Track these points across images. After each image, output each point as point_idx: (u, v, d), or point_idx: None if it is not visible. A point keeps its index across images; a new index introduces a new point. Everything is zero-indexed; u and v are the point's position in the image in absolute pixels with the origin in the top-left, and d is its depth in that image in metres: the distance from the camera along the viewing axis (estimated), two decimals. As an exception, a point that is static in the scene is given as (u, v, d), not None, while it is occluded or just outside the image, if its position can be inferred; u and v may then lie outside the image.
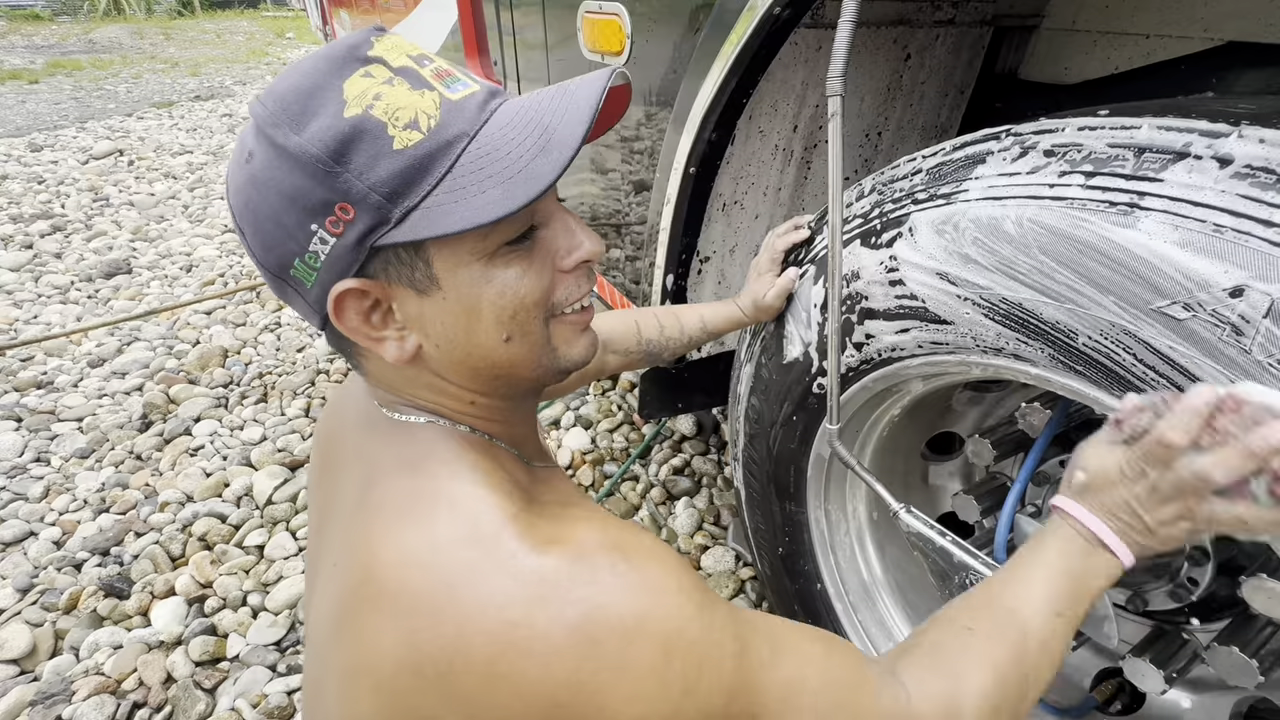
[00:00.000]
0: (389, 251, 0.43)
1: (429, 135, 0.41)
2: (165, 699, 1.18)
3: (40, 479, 1.68)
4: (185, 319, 2.45)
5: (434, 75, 0.43)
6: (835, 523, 0.95)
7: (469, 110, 0.43)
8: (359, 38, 0.43)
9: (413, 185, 0.41)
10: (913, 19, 0.99)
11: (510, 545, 0.41)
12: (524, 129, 0.43)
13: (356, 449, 0.53)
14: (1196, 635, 0.76)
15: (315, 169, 0.40)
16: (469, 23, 1.81)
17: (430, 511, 0.43)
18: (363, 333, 0.45)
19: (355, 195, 0.40)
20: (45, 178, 3.96)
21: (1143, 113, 0.50)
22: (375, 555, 0.43)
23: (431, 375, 0.49)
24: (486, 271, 0.44)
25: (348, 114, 0.40)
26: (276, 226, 0.42)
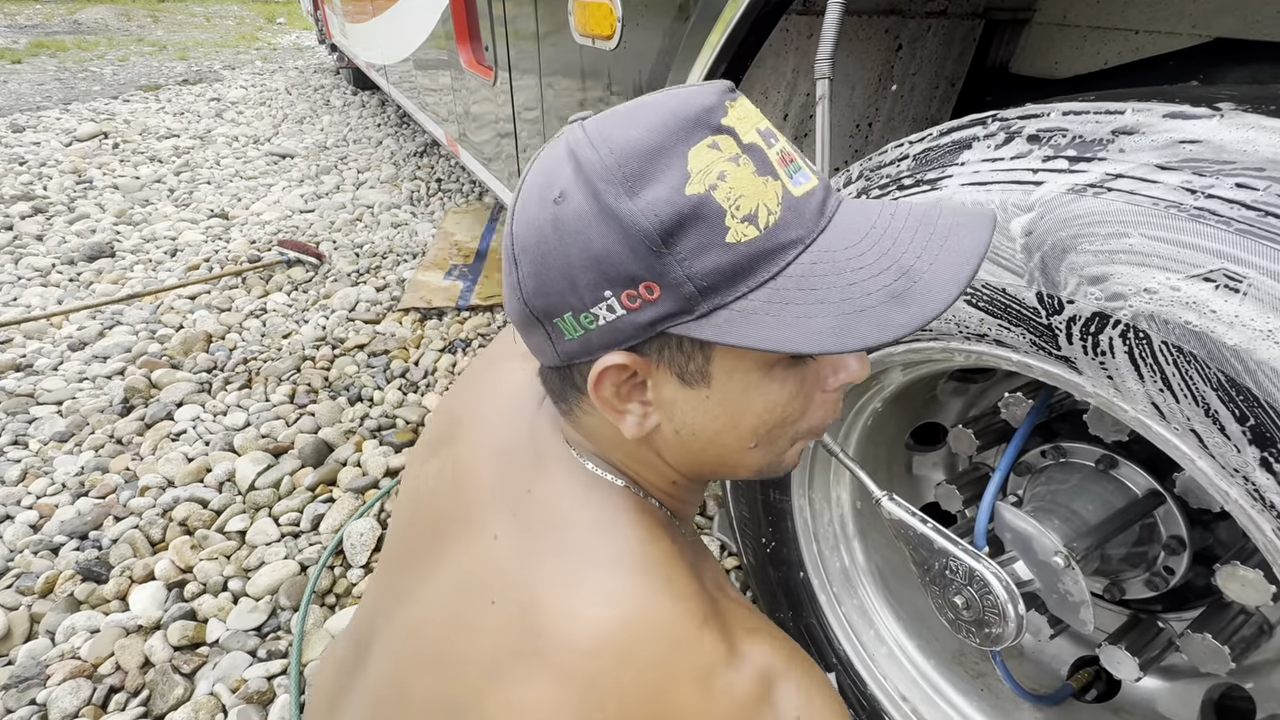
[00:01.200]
0: (674, 338, 0.40)
1: (765, 234, 0.37)
2: (143, 683, 1.17)
3: (17, 462, 1.66)
4: (169, 303, 2.42)
5: (779, 160, 0.39)
6: (819, 511, 0.95)
7: (809, 211, 0.39)
8: (713, 100, 0.38)
9: (732, 283, 0.37)
10: (905, 9, 0.98)
11: (708, 656, 0.39)
12: (878, 260, 0.38)
13: (522, 475, 0.49)
14: (1171, 623, 0.77)
15: (639, 243, 0.36)
16: (460, 6, 1.79)
17: (622, 584, 0.41)
18: (610, 402, 0.43)
19: (670, 280, 0.37)
20: (27, 159, 3.88)
21: (1126, 98, 0.50)
22: (554, 614, 0.41)
23: (650, 452, 0.47)
24: (762, 383, 0.41)
25: (689, 190, 0.36)
26: (564, 278, 0.38)
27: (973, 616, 0.68)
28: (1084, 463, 0.79)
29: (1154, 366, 0.47)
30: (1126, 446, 0.75)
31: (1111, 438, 0.73)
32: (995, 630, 0.66)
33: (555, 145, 0.40)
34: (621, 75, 1.08)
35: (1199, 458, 0.47)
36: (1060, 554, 0.67)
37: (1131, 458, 0.75)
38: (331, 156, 4.17)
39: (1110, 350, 0.49)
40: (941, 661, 0.92)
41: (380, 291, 2.55)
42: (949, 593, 0.70)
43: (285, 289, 2.56)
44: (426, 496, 0.57)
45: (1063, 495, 0.77)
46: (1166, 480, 0.73)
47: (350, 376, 2.03)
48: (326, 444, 1.73)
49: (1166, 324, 0.46)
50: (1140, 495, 0.74)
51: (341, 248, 2.89)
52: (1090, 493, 0.76)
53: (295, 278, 2.64)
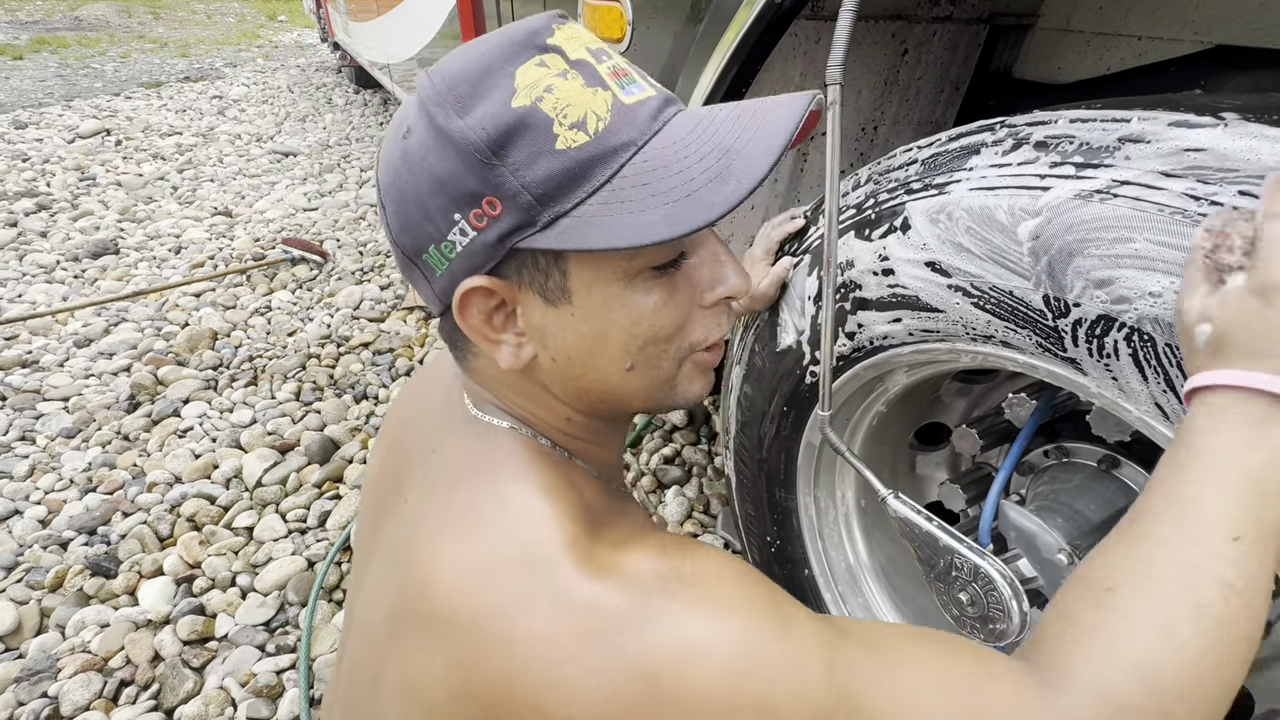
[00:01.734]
0: (527, 255, 0.40)
1: (595, 139, 0.38)
2: (153, 677, 1.18)
3: (25, 458, 1.67)
4: (174, 300, 2.43)
5: (610, 73, 0.40)
6: (824, 509, 0.97)
7: (641, 117, 0.40)
8: (540, 23, 0.40)
9: (568, 190, 0.38)
10: (911, 14, 1.00)
11: (564, 573, 0.37)
12: (701, 147, 0.39)
13: (430, 438, 0.51)
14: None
15: (471, 157, 0.37)
16: (467, 6, 1.80)
17: (491, 527, 0.41)
18: (482, 332, 0.43)
19: (506, 191, 0.38)
20: (30, 155, 3.89)
21: (1132, 106, 0.52)
22: (432, 570, 0.40)
23: (536, 386, 0.47)
24: (624, 294, 0.41)
25: (515, 104, 0.37)
26: (419, 209, 0.40)
27: (977, 613, 0.69)
28: (1086, 463, 0.80)
29: (1158, 368, 0.49)
30: (1128, 447, 0.77)
31: (1114, 438, 0.74)
32: (999, 626, 0.67)
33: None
34: (631, 78, 1.09)
35: (1201, 457, 0.48)
36: (1064, 551, 0.69)
37: (1133, 458, 0.76)
38: (334, 155, 4.18)
39: (1115, 352, 0.51)
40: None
41: (384, 290, 2.56)
42: (953, 590, 0.71)
43: (290, 287, 2.58)
44: (370, 491, 0.59)
45: (1065, 494, 0.78)
46: (1167, 480, 0.74)
47: (355, 374, 2.04)
48: (332, 441, 1.74)
49: (1171, 327, 0.47)
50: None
51: (345, 246, 2.90)
52: (1092, 492, 0.77)
53: (300, 276, 2.65)
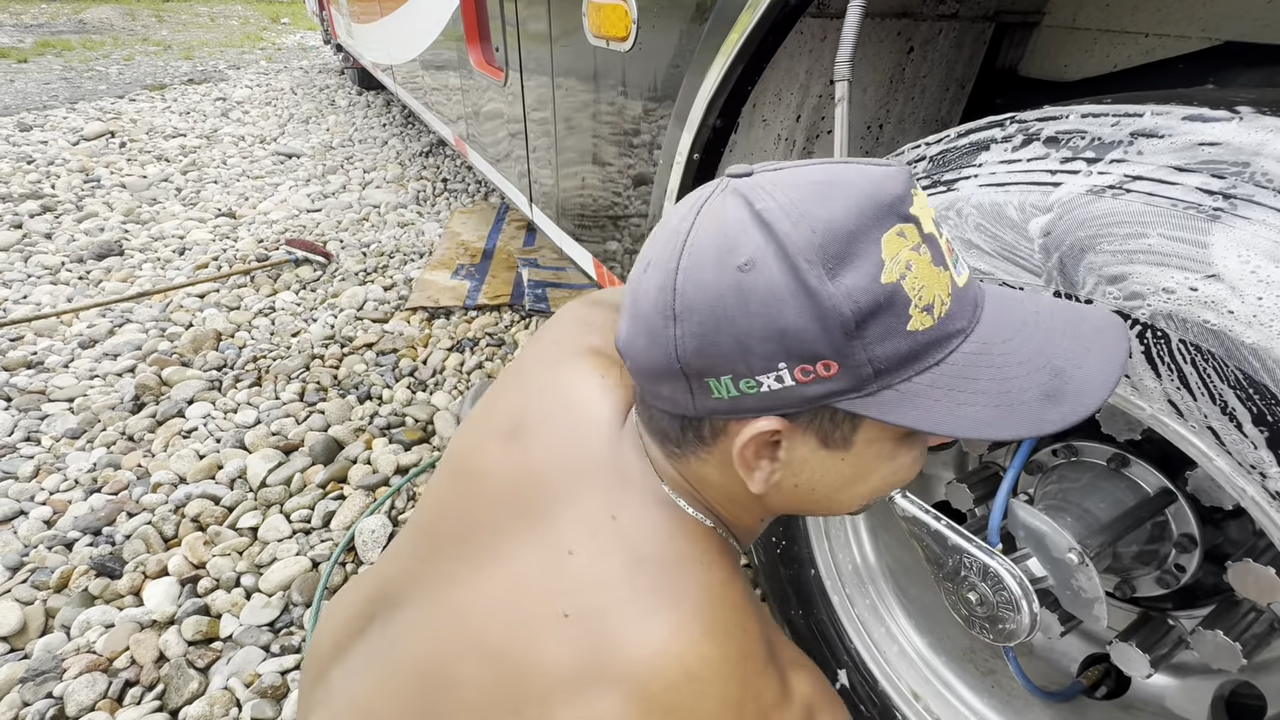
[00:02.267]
0: (832, 409, 0.40)
1: (938, 324, 0.38)
2: (157, 677, 1.18)
3: (30, 458, 1.67)
4: (178, 301, 2.43)
5: (947, 250, 0.40)
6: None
7: (968, 301, 0.41)
8: (902, 188, 0.39)
9: (903, 367, 0.38)
10: (917, 12, 0.99)
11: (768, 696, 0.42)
12: (1034, 357, 0.40)
13: (601, 494, 0.50)
14: (1181, 621, 0.78)
15: (833, 324, 0.36)
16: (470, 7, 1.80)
17: (707, 630, 0.43)
18: (745, 460, 0.43)
19: (852, 361, 0.37)
20: (35, 157, 3.90)
21: (1145, 101, 0.51)
22: (634, 639, 0.42)
23: (754, 499, 0.47)
24: (895, 451, 0.43)
25: (885, 280, 0.37)
26: (737, 345, 0.38)
27: (986, 613, 0.69)
28: (1096, 461, 0.80)
29: (1171, 365, 0.48)
30: (1138, 445, 0.76)
31: (1124, 436, 0.74)
32: (1009, 626, 0.67)
33: (728, 203, 0.39)
34: (635, 77, 1.09)
35: (1216, 455, 0.48)
36: (1074, 551, 0.68)
37: (1143, 456, 0.75)
38: (338, 156, 4.19)
39: (1128, 349, 0.50)
40: (952, 659, 0.92)
41: (388, 291, 2.56)
42: (962, 589, 0.70)
43: (293, 288, 2.58)
44: (482, 483, 0.56)
45: (1075, 493, 0.77)
46: (1178, 479, 0.73)
47: (359, 375, 2.04)
48: (336, 441, 1.74)
49: (1184, 323, 0.47)
50: (1152, 494, 0.75)
51: (349, 247, 2.91)
52: (1102, 491, 0.76)
53: (303, 276, 2.65)
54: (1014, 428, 0.38)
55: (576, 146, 1.41)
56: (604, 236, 1.42)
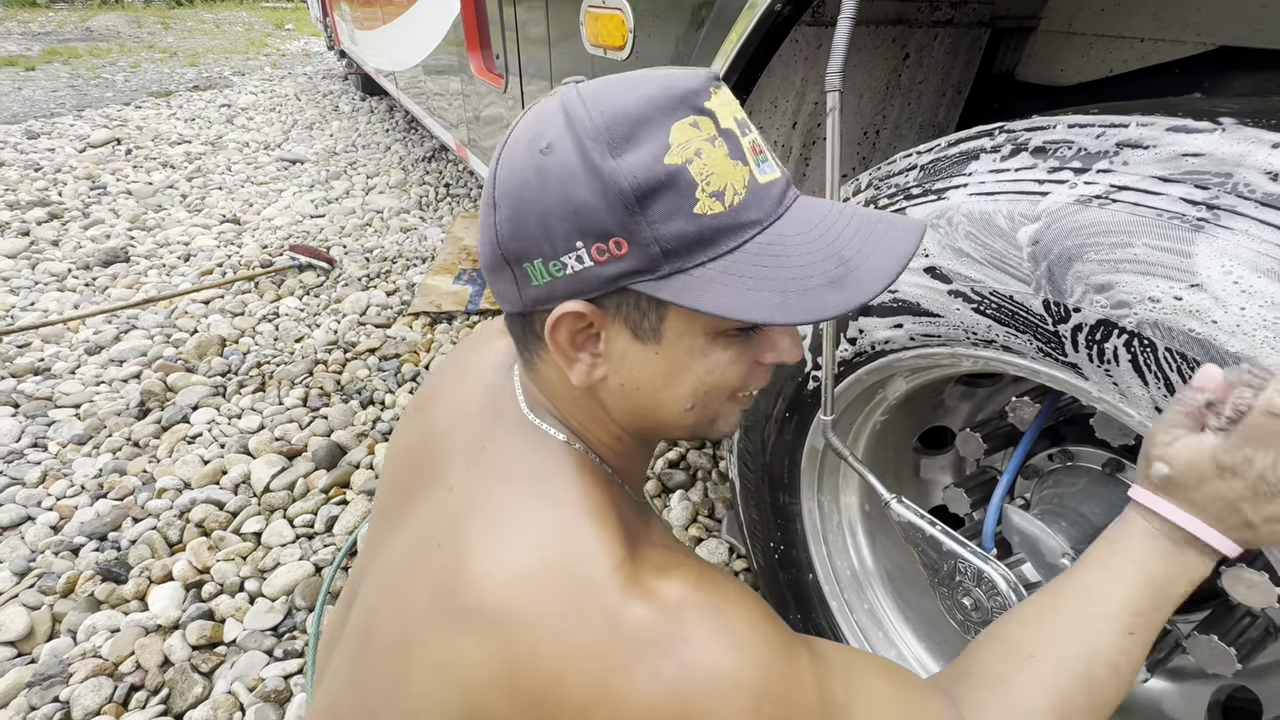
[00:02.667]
0: (633, 294, 0.43)
1: (728, 211, 0.41)
2: (162, 681, 1.19)
3: (37, 464, 1.69)
4: (183, 308, 2.45)
5: (750, 148, 0.43)
6: (828, 514, 0.97)
7: (769, 198, 0.43)
8: (699, 84, 0.42)
9: (694, 251, 0.41)
10: (912, 18, 1.00)
11: (615, 594, 0.42)
12: (823, 250, 0.42)
13: (477, 432, 0.53)
14: (1177, 625, 0.78)
15: (616, 200, 0.39)
16: (471, 15, 1.81)
17: (548, 537, 0.44)
18: (564, 349, 0.46)
19: (639, 239, 0.40)
20: (42, 165, 3.94)
21: (1130, 111, 0.52)
22: (487, 567, 0.43)
23: (596, 404, 0.50)
24: (707, 347, 0.45)
25: (668, 160, 0.39)
26: (540, 224, 0.41)
27: (981, 618, 0.69)
28: (1091, 466, 0.80)
29: (1158, 373, 0.49)
30: (1133, 450, 0.76)
31: (1118, 441, 0.74)
32: (1003, 631, 0.67)
33: (549, 100, 0.43)
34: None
35: (1203, 462, 0.48)
36: (1068, 556, 0.68)
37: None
38: (341, 162, 4.22)
39: (1115, 357, 0.51)
40: (949, 661, 0.93)
41: (390, 296, 2.58)
42: (957, 594, 0.71)
43: (297, 293, 2.60)
44: (403, 458, 0.61)
45: (1070, 498, 0.78)
46: (1173, 484, 0.73)
47: (362, 380, 2.05)
48: (339, 447, 1.75)
49: (1170, 331, 0.47)
50: (1147, 498, 0.75)
51: (352, 252, 2.92)
52: (1097, 496, 0.77)
53: (307, 282, 2.67)
54: (800, 312, 0.40)
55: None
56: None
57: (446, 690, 0.43)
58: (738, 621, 0.42)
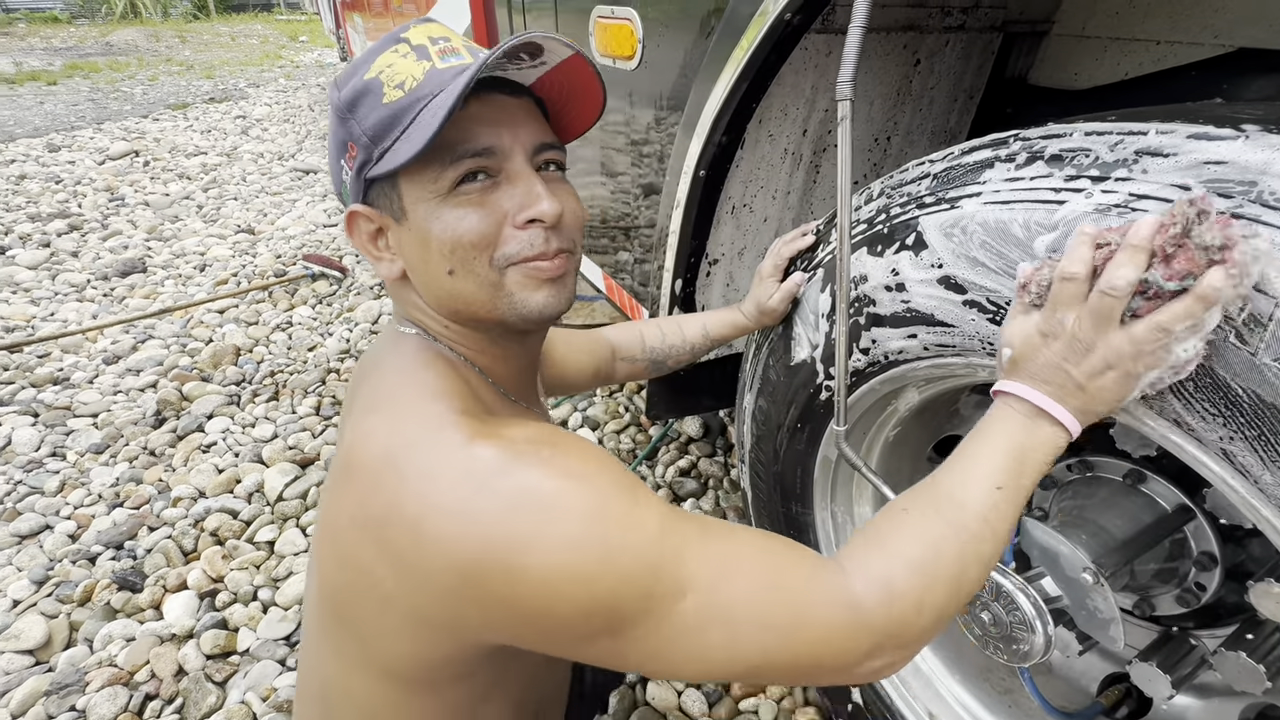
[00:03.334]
0: (377, 185, 0.53)
1: (408, 94, 0.50)
2: (177, 691, 1.20)
3: (56, 473, 1.71)
4: (199, 317, 2.48)
5: (439, 51, 0.52)
6: (841, 524, 0.95)
7: (445, 76, 0.50)
8: (405, 26, 0.54)
9: (387, 131, 0.50)
10: (923, 24, 0.99)
11: (451, 433, 0.47)
12: (445, 97, 0.49)
13: (375, 366, 0.61)
14: (1204, 641, 0.76)
15: (340, 115, 0.53)
16: (481, 25, 1.83)
17: (396, 403, 0.51)
18: (366, 249, 0.57)
19: (354, 136, 0.52)
20: (63, 177, 4.02)
21: (1149, 118, 0.51)
22: (350, 439, 0.51)
23: (414, 294, 0.58)
24: (439, 209, 0.52)
25: (366, 76, 0.51)
26: (333, 162, 0.56)
27: (1000, 633, 0.68)
28: (1111, 477, 0.78)
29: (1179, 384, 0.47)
30: (1154, 461, 0.75)
31: (1139, 453, 0.72)
32: (1023, 647, 0.66)
33: None
34: (642, 94, 1.10)
35: (1230, 477, 0.47)
36: (1089, 570, 0.67)
37: (1160, 472, 0.74)
38: (353, 171, 4.25)
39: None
40: (968, 677, 0.91)
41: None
42: (975, 608, 0.70)
43: (310, 302, 2.62)
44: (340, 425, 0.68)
45: (1090, 510, 0.76)
46: (1196, 495, 0.72)
47: (374, 388, 2.06)
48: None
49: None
50: (1169, 510, 0.73)
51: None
52: (1118, 507, 0.75)
53: (319, 291, 2.70)
54: (427, 131, 0.47)
55: (584, 159, 1.42)
56: (613, 249, 1.43)
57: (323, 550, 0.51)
58: (572, 455, 0.46)
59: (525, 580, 0.42)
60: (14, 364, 2.16)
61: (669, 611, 0.44)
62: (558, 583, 0.42)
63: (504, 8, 1.61)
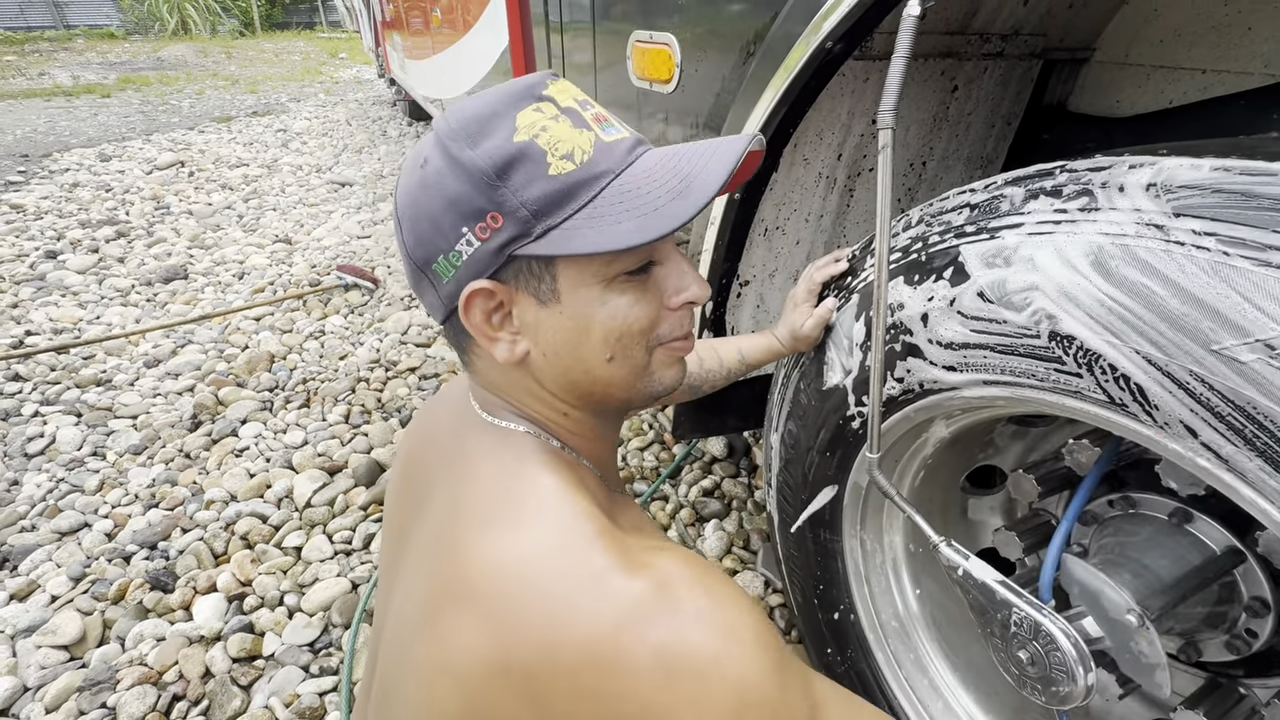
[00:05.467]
0: (523, 261, 0.47)
1: (580, 167, 0.46)
2: (203, 693, 1.22)
3: (96, 472, 1.76)
4: (236, 324, 2.55)
5: (594, 119, 0.49)
6: (870, 553, 0.94)
7: (618, 152, 0.48)
8: (537, 79, 0.49)
9: (558, 207, 0.46)
10: (961, 51, 0.99)
11: (600, 562, 0.42)
12: (666, 176, 0.47)
13: (450, 452, 0.56)
14: (1255, 690, 0.72)
15: (480, 180, 0.45)
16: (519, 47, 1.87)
17: (523, 517, 0.46)
18: (482, 330, 0.50)
19: (507, 208, 0.45)
20: (112, 186, 4.19)
21: (1204, 153, 0.50)
22: (467, 556, 0.45)
23: (533, 381, 0.53)
24: (603, 295, 0.49)
25: (516, 139, 0.46)
26: (432, 225, 0.47)
27: (1038, 673, 0.66)
28: (1155, 515, 0.76)
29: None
30: (1202, 500, 0.72)
31: (1186, 491, 0.70)
32: (1063, 690, 0.64)
33: (428, 131, 0.50)
34: (678, 117, 1.11)
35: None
36: (1134, 612, 0.65)
37: (1208, 512, 0.72)
38: (388, 184, 4.36)
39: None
40: (1002, 717, 0.88)
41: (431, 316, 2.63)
42: (1012, 647, 0.68)
43: (343, 312, 2.68)
44: (394, 501, 0.63)
45: (1133, 549, 0.74)
46: (1248, 538, 0.69)
47: (402, 399, 2.10)
48: (379, 464, 1.79)
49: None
50: (1218, 552, 0.71)
51: (396, 273, 3.01)
52: (1163, 547, 0.73)
53: (352, 301, 2.76)
54: (654, 228, 0.44)
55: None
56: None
57: (441, 689, 0.43)
58: (730, 611, 0.42)
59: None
60: (61, 365, 2.24)
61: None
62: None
63: (541, 28, 1.65)
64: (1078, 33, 1.06)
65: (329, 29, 20.46)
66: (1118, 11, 1.03)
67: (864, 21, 0.73)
